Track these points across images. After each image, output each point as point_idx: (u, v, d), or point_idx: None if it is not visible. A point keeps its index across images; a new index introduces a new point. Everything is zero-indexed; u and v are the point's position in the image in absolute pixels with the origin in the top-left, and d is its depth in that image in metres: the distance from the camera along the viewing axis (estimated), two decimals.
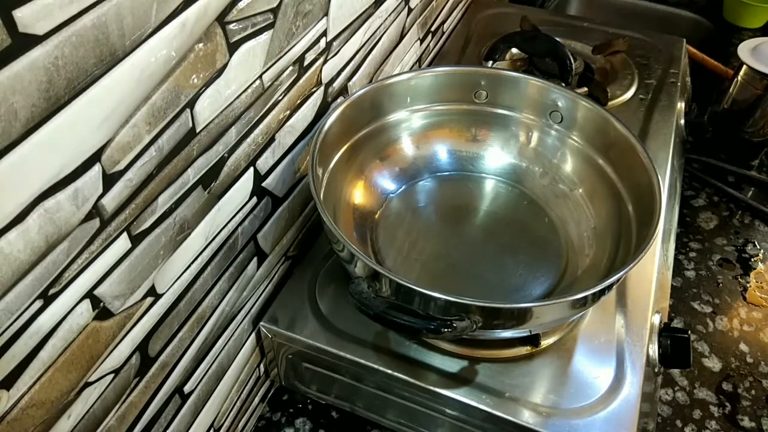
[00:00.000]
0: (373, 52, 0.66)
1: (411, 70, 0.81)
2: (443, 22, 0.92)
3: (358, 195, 0.62)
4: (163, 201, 0.38)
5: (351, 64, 0.61)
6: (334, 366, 0.55)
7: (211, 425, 0.55)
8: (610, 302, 0.58)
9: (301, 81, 0.51)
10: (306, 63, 0.51)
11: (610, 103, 0.79)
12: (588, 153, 0.62)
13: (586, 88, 0.79)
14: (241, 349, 0.56)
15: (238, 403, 0.59)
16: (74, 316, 0.34)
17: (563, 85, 0.69)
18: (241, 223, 0.49)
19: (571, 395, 0.51)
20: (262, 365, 0.62)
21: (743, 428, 0.64)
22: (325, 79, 0.56)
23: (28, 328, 0.31)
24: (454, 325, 0.43)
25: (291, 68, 0.49)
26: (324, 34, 0.53)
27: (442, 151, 0.67)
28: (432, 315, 0.44)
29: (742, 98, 0.89)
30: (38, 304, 0.31)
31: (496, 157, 0.67)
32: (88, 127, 0.30)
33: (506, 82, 0.65)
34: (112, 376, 0.39)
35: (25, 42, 0.25)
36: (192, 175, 0.41)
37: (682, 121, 0.84)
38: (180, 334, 0.45)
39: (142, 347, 0.41)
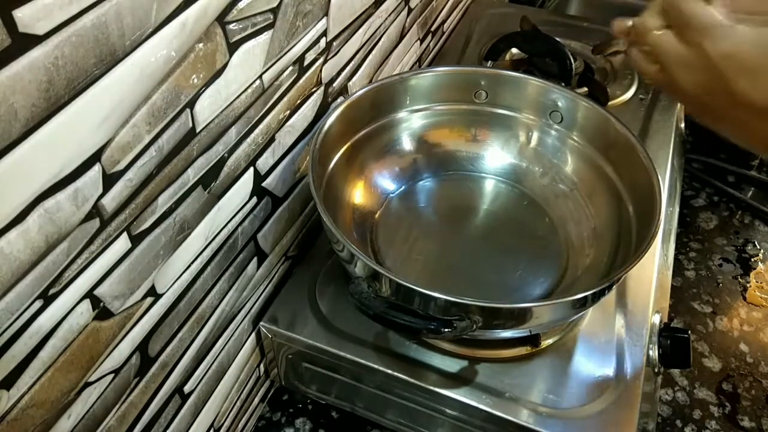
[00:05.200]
0: (373, 52, 0.66)
1: (411, 70, 0.81)
2: (443, 22, 0.92)
3: (358, 195, 0.62)
4: (163, 201, 0.38)
5: (351, 64, 0.61)
6: (334, 366, 0.55)
7: (211, 425, 0.55)
8: (610, 302, 0.58)
9: (301, 81, 0.52)
10: (306, 63, 0.51)
11: (610, 103, 0.79)
12: (588, 153, 0.62)
13: (586, 88, 0.79)
14: (241, 349, 0.56)
15: (238, 403, 0.59)
16: (74, 316, 0.34)
17: (563, 85, 0.69)
18: (241, 223, 0.49)
19: (571, 395, 0.51)
20: (262, 365, 0.62)
21: (743, 428, 0.64)
22: (325, 79, 0.56)
23: (28, 328, 0.31)
24: (454, 325, 0.43)
25: (291, 68, 0.49)
26: (324, 34, 0.53)
27: (442, 151, 0.67)
28: (432, 315, 0.44)
29: None
30: (38, 304, 0.31)
31: (496, 157, 0.67)
32: (88, 127, 0.30)
33: (506, 82, 0.65)
34: (112, 376, 0.39)
35: (25, 42, 0.25)
36: (192, 175, 0.41)
37: (682, 122, 0.84)
38: (180, 334, 0.45)
39: (142, 347, 0.41)
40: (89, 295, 0.34)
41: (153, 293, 0.40)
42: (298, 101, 0.53)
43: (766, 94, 0.35)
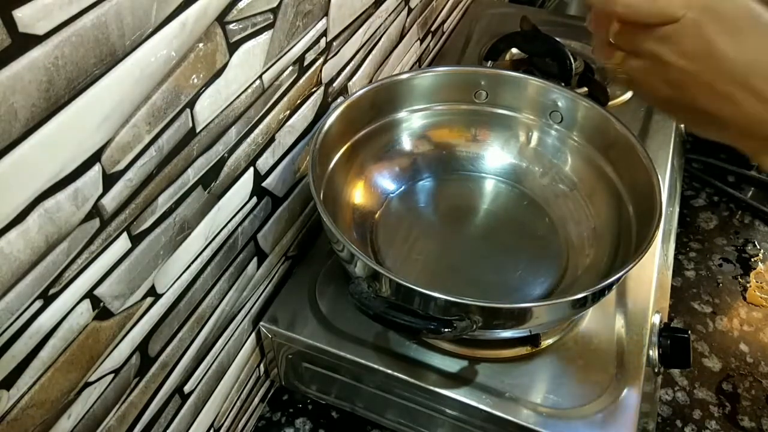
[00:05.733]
0: (373, 52, 0.66)
1: (411, 70, 0.81)
2: (443, 22, 0.92)
3: (358, 195, 0.62)
4: (163, 201, 0.38)
5: (351, 64, 0.61)
6: (334, 366, 0.55)
7: (211, 425, 0.55)
8: (610, 302, 0.58)
9: (301, 81, 0.52)
10: (306, 63, 0.51)
11: (610, 103, 0.79)
12: (588, 153, 0.62)
13: (586, 88, 0.79)
14: (241, 349, 0.56)
15: (238, 403, 0.59)
16: (74, 316, 0.34)
17: (563, 85, 0.69)
18: (241, 223, 0.49)
19: (571, 395, 0.51)
20: (262, 365, 0.62)
21: (743, 428, 0.64)
22: (325, 79, 0.56)
23: (28, 328, 0.31)
24: (454, 325, 0.43)
25: (291, 68, 0.49)
26: (324, 34, 0.53)
27: (442, 151, 0.67)
28: (432, 315, 0.44)
29: None
30: (38, 304, 0.31)
31: (496, 157, 0.67)
32: (88, 127, 0.30)
33: (506, 82, 0.65)
34: (112, 376, 0.39)
35: (25, 42, 0.25)
36: (192, 175, 0.41)
37: None
38: (180, 334, 0.45)
39: (142, 347, 0.41)
40: (89, 295, 0.34)
41: (153, 293, 0.40)
42: (298, 101, 0.53)
43: (746, 56, 0.35)
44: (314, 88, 0.55)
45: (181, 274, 0.43)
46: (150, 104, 0.34)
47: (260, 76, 0.45)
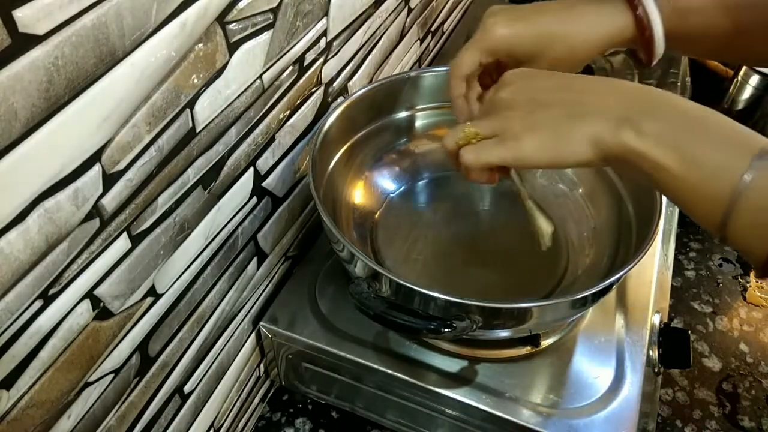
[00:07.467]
0: (373, 52, 0.66)
1: (411, 70, 0.81)
2: (443, 22, 0.92)
3: (358, 195, 0.62)
4: (163, 201, 0.38)
5: (351, 64, 0.61)
6: (334, 366, 0.55)
7: (211, 425, 0.55)
8: (610, 302, 0.58)
9: (301, 81, 0.51)
10: (306, 63, 0.51)
11: None
12: None
13: None
14: (241, 349, 0.56)
15: (238, 403, 0.59)
16: (74, 316, 0.34)
17: None
18: (241, 223, 0.49)
19: (571, 395, 0.51)
20: (262, 365, 0.62)
21: (743, 428, 0.64)
22: (325, 79, 0.56)
23: (28, 328, 0.31)
24: (454, 325, 0.43)
25: (291, 68, 0.49)
26: (324, 34, 0.53)
27: (442, 151, 0.67)
28: (432, 315, 0.44)
29: (742, 98, 0.89)
30: (38, 304, 0.31)
31: None
32: (88, 127, 0.30)
33: None
34: (112, 376, 0.39)
35: (25, 42, 0.25)
36: (192, 175, 0.41)
37: None
38: (180, 334, 0.45)
39: (142, 347, 0.41)
40: (89, 295, 0.34)
41: (153, 293, 0.40)
42: (298, 101, 0.53)
43: None
44: (314, 88, 0.55)
45: (181, 274, 0.43)
46: (150, 104, 0.34)
47: (260, 76, 0.45)
